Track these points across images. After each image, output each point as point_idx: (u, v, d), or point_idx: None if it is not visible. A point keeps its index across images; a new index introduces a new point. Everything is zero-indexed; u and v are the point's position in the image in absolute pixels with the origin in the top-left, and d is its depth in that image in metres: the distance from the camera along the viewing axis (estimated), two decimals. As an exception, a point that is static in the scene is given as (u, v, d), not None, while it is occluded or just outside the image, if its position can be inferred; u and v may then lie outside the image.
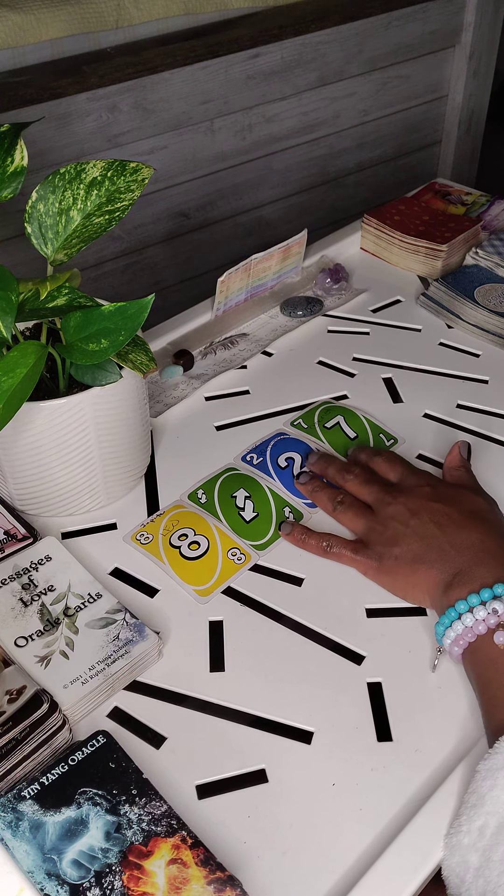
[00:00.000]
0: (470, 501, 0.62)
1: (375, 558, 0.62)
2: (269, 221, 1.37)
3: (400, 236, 0.98)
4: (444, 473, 0.69)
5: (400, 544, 0.61)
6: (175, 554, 0.65)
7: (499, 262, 0.95)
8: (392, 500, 0.63)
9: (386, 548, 0.61)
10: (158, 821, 0.48)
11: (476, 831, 0.46)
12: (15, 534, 0.66)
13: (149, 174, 0.63)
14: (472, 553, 0.58)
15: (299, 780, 0.52)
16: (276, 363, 0.86)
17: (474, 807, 0.46)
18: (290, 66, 1.23)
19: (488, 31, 1.46)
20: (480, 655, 0.54)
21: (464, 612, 0.54)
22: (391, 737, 0.54)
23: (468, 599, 0.55)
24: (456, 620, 0.55)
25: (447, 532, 0.59)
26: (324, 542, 0.64)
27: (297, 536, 0.65)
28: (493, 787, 0.46)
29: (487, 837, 0.45)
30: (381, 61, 1.35)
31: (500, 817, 0.45)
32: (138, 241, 1.20)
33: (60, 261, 0.63)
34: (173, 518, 0.68)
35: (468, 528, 0.59)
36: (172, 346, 0.86)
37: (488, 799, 0.46)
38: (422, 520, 0.61)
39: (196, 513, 0.68)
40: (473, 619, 0.54)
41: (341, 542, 0.64)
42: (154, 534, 0.67)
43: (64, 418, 0.62)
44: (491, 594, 0.54)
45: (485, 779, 0.47)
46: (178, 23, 1.14)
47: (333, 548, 0.64)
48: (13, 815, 0.48)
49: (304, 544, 0.65)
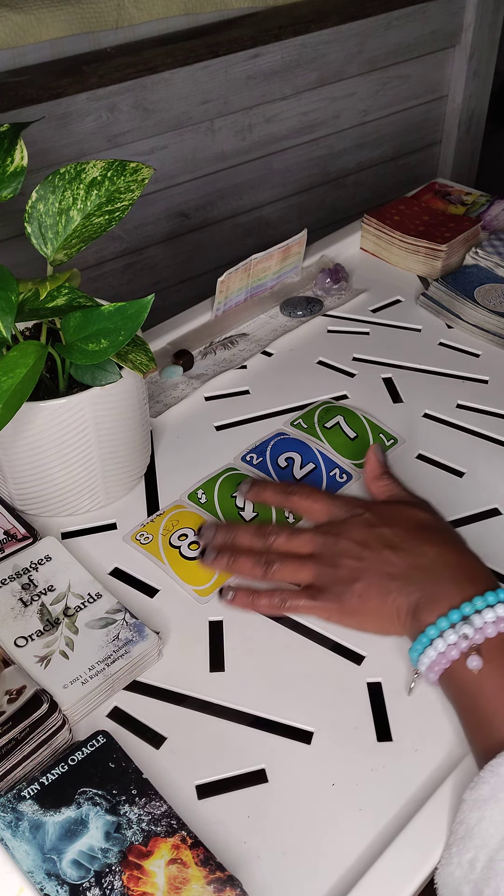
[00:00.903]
0: (413, 515, 0.60)
1: (335, 600, 0.57)
2: (269, 221, 1.37)
3: (400, 236, 0.98)
4: (367, 486, 0.66)
5: (360, 580, 0.56)
6: (175, 554, 0.65)
7: (499, 262, 0.95)
8: (335, 539, 0.59)
9: (345, 587, 0.57)
10: (158, 821, 0.48)
11: (467, 864, 0.45)
12: (15, 534, 0.66)
13: (149, 174, 0.63)
14: (435, 570, 0.55)
15: (299, 780, 0.52)
16: (276, 363, 0.86)
17: (463, 839, 0.46)
18: (290, 66, 1.23)
19: (488, 31, 1.46)
20: (457, 680, 0.52)
21: (435, 638, 0.52)
22: (391, 737, 0.54)
23: (438, 623, 0.52)
24: (428, 647, 0.52)
25: (404, 555, 0.56)
26: (275, 598, 0.59)
27: (245, 599, 0.60)
28: (482, 820, 0.45)
29: (478, 871, 0.44)
30: (381, 61, 1.35)
31: (489, 851, 0.44)
32: (138, 241, 1.20)
33: (60, 261, 0.63)
34: (173, 518, 0.68)
35: (423, 545, 0.57)
36: (172, 346, 0.86)
37: (476, 832, 0.45)
38: (375, 550, 0.57)
39: (196, 513, 0.68)
40: (445, 645, 0.52)
41: (293, 593, 0.58)
42: (154, 534, 0.67)
43: (64, 418, 0.62)
44: (460, 615, 0.52)
45: (472, 810, 0.46)
46: (178, 23, 1.14)
47: (288, 601, 0.58)
48: (13, 815, 0.48)
49: (253, 606, 0.60)
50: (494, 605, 0.52)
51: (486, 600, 0.52)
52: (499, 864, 0.44)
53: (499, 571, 0.64)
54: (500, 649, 0.51)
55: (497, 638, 0.51)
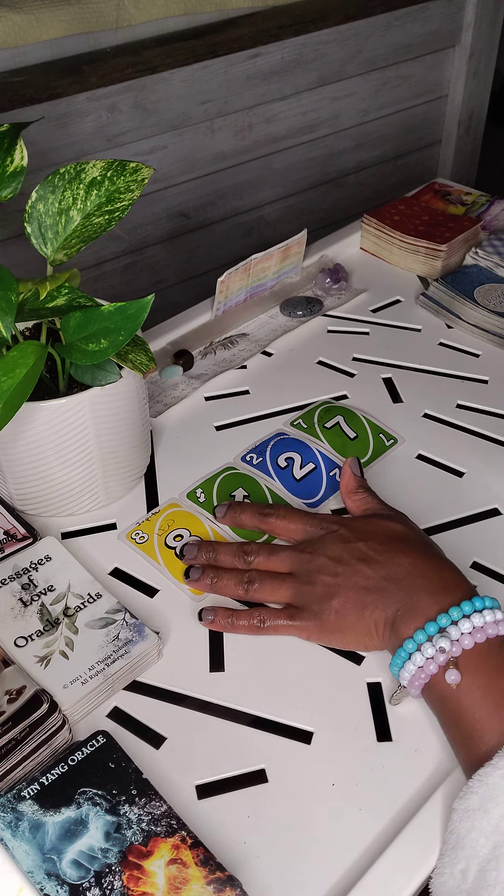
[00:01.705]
0: (387, 528, 0.60)
1: (313, 618, 0.57)
2: (269, 221, 1.37)
3: (400, 236, 0.98)
4: (343, 500, 0.67)
5: (336, 596, 0.56)
6: (170, 554, 0.65)
7: (499, 262, 0.95)
8: (311, 557, 0.59)
9: (322, 604, 0.57)
10: (158, 821, 0.48)
11: (459, 874, 0.45)
12: (15, 534, 0.66)
13: (149, 174, 0.63)
14: (410, 581, 0.55)
15: (299, 780, 0.52)
16: (276, 363, 0.86)
17: (454, 849, 0.46)
18: (290, 66, 1.23)
19: (488, 31, 1.46)
20: (437, 693, 0.52)
21: (413, 652, 0.52)
22: (391, 737, 0.54)
23: (415, 637, 0.52)
24: (407, 661, 0.52)
25: (378, 568, 0.56)
26: (254, 619, 0.58)
27: (224, 621, 0.59)
28: (472, 830, 0.45)
29: (469, 882, 0.45)
30: (381, 61, 1.35)
31: (480, 862, 0.45)
32: (138, 241, 1.20)
33: (60, 261, 0.63)
34: (169, 518, 0.68)
35: (397, 556, 0.57)
36: (172, 346, 0.86)
37: (467, 842, 0.45)
38: (349, 565, 0.57)
39: (192, 512, 0.68)
40: (424, 659, 0.52)
41: (272, 612, 0.59)
42: (149, 533, 0.67)
43: (64, 418, 0.62)
44: (436, 627, 0.52)
45: (461, 819, 0.46)
46: (178, 23, 1.14)
47: (267, 621, 0.58)
48: (13, 815, 0.48)
49: (233, 627, 0.59)
50: (471, 614, 0.52)
51: (462, 610, 0.52)
52: (490, 874, 0.44)
53: (499, 571, 0.64)
54: (477, 661, 0.51)
55: (474, 650, 0.51)
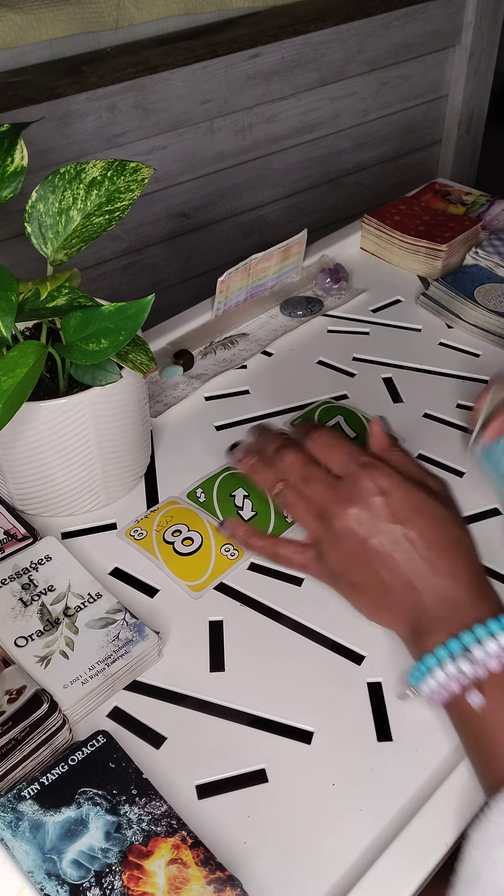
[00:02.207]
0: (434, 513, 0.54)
1: (329, 576, 0.56)
2: (269, 221, 1.37)
3: (400, 236, 0.98)
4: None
5: (357, 567, 0.54)
6: (168, 550, 0.65)
7: (499, 262, 0.95)
8: (340, 512, 0.54)
9: (341, 568, 0.55)
10: (158, 821, 0.48)
11: None
12: (15, 534, 0.66)
13: (149, 174, 0.63)
14: (437, 583, 0.52)
15: (299, 780, 0.52)
16: (276, 363, 0.86)
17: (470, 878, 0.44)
18: (290, 66, 1.23)
19: (488, 31, 1.46)
20: (459, 711, 0.50)
21: (434, 668, 0.50)
22: (391, 737, 0.54)
23: (436, 652, 0.50)
24: (428, 675, 0.51)
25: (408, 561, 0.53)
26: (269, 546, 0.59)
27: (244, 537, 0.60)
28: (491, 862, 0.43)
29: None
30: (381, 61, 1.36)
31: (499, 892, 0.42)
32: (138, 241, 1.20)
33: (60, 261, 0.63)
34: (167, 514, 0.68)
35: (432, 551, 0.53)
36: (172, 346, 0.86)
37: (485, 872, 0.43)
38: (380, 545, 0.53)
39: (190, 509, 0.68)
40: (445, 676, 0.49)
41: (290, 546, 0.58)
42: (148, 530, 0.67)
43: (64, 418, 0.62)
44: (459, 645, 0.49)
45: (478, 849, 0.44)
46: (178, 23, 1.14)
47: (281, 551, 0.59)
48: (13, 815, 0.48)
49: (247, 545, 0.60)
50: (497, 634, 0.49)
51: (489, 628, 0.49)
52: None
53: (499, 571, 0.64)
54: (502, 684, 0.49)
55: (501, 673, 0.49)
